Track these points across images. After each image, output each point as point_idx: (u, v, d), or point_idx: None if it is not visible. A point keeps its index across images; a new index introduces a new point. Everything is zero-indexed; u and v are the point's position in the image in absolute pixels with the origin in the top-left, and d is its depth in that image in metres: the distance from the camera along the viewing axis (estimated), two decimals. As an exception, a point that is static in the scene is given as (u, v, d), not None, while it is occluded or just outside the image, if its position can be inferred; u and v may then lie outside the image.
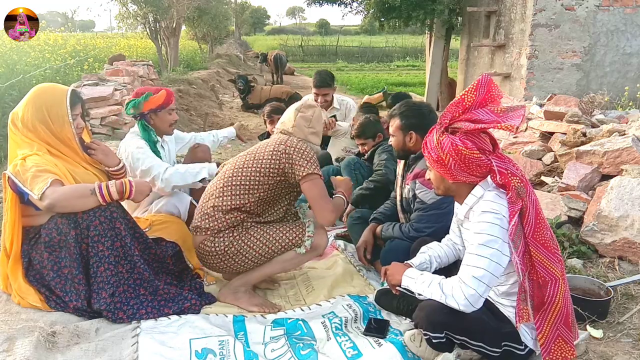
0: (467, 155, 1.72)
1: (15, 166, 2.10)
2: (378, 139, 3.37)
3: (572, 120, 4.44)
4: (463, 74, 9.80)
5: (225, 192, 2.35)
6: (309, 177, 2.29)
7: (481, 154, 1.73)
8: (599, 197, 2.97)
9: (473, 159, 1.73)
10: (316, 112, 2.51)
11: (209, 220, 2.35)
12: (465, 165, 1.74)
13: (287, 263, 2.44)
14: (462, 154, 1.72)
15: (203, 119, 8.07)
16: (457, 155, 1.73)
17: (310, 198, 2.33)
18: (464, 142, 1.72)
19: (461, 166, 1.75)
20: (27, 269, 2.20)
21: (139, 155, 2.71)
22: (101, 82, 6.76)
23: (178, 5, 12.75)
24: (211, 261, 2.39)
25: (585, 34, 6.72)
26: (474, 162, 1.73)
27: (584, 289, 2.35)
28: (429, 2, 8.55)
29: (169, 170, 2.72)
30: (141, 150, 2.73)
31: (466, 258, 1.74)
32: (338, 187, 2.60)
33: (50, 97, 2.23)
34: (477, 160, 1.73)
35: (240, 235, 2.34)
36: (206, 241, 2.35)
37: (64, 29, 16.24)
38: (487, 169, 1.75)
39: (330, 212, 2.34)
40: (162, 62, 13.16)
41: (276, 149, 2.35)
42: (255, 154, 2.39)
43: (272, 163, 2.33)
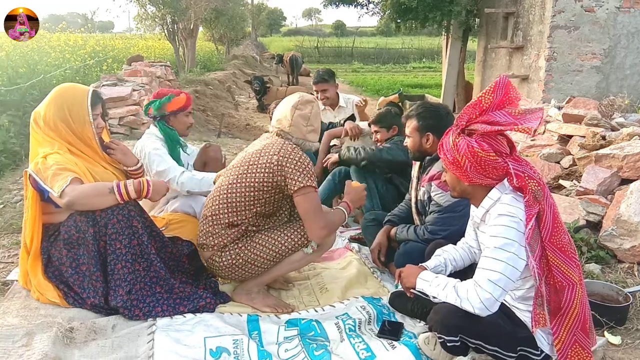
0: (484, 157, 1.71)
1: (36, 164, 2.15)
2: (392, 132, 3.33)
3: (591, 123, 4.38)
4: (480, 75, 9.72)
5: (222, 210, 2.30)
6: (301, 190, 2.19)
7: (498, 156, 1.72)
8: (618, 201, 2.92)
9: (489, 162, 1.71)
10: (314, 109, 2.39)
11: (213, 237, 2.32)
12: (482, 167, 1.73)
13: (296, 263, 2.42)
14: (479, 156, 1.71)
15: (219, 119, 8.14)
16: (473, 158, 1.72)
17: (301, 212, 2.25)
18: (480, 144, 1.71)
19: (477, 168, 1.74)
20: (46, 266, 2.24)
21: (154, 157, 2.74)
22: (120, 83, 6.86)
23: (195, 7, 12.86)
24: (222, 274, 2.38)
25: (605, 35, 6.62)
26: (491, 165, 1.72)
27: (602, 294, 2.31)
28: (446, 3, 8.51)
29: (185, 174, 2.75)
30: (157, 152, 2.76)
31: (482, 261, 1.73)
32: (347, 195, 2.51)
33: (71, 97, 2.28)
34: (494, 163, 1.72)
35: (245, 246, 2.31)
36: (214, 256, 2.33)
37: (84, 30, 16.49)
38: (503, 171, 1.73)
39: (320, 228, 2.23)
40: (180, 63, 13.30)
41: (269, 162, 2.23)
42: (248, 167, 2.28)
43: (265, 177, 2.23)
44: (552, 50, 6.71)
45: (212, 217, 2.32)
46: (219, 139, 7.07)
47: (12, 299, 2.26)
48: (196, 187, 2.77)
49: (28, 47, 7.84)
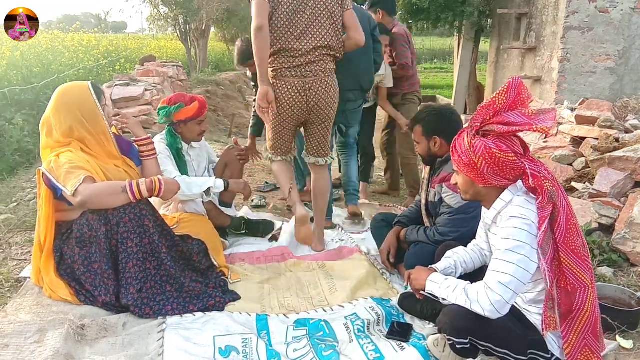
0: (502, 158, 1.70)
1: (49, 162, 2.17)
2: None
3: (604, 125, 4.33)
4: (492, 76, 9.65)
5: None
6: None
7: (515, 156, 1.71)
8: (631, 204, 2.89)
9: (507, 162, 1.70)
10: None
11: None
12: (499, 168, 1.72)
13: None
14: (497, 157, 1.70)
15: (230, 119, 8.18)
16: (491, 159, 1.71)
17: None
18: (497, 145, 1.70)
19: (494, 169, 1.73)
20: (58, 263, 2.27)
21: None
22: (132, 83, 6.91)
23: (208, 8, 12.92)
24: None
25: (620, 37, 6.55)
26: (508, 165, 1.71)
27: (614, 298, 2.29)
28: (458, 4, 8.46)
29: (176, 178, 2.75)
30: (159, 155, 2.77)
31: (493, 263, 1.72)
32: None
33: (76, 97, 2.30)
34: (512, 164, 1.71)
35: None
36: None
37: (98, 30, 16.67)
38: (520, 171, 1.72)
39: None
40: (192, 63, 13.37)
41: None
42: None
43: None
44: (566, 52, 6.65)
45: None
46: (230, 139, 7.10)
47: (25, 295, 2.29)
48: (186, 189, 2.75)
49: (42, 47, 7.93)
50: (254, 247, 3.09)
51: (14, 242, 3.01)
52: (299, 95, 2.83)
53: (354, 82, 3.45)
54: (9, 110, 5.45)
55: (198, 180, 2.86)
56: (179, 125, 2.93)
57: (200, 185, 2.82)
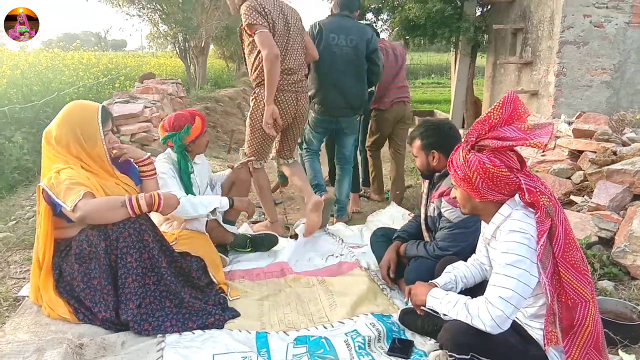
0: (495, 173, 1.70)
1: (49, 179, 2.18)
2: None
3: (602, 138, 4.35)
4: (489, 91, 9.72)
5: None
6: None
7: (509, 171, 1.71)
8: (630, 217, 2.89)
9: (501, 177, 1.71)
10: None
11: None
12: (493, 183, 1.73)
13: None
14: (490, 172, 1.71)
15: (229, 135, 8.20)
16: (485, 174, 1.72)
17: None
18: (491, 160, 1.71)
19: (489, 184, 1.73)
20: (57, 281, 2.26)
21: (160, 181, 2.78)
22: (132, 100, 6.94)
23: (207, 25, 13.04)
24: None
25: (615, 51, 6.61)
26: (502, 180, 1.72)
27: (615, 312, 2.28)
28: (454, 20, 8.55)
29: (182, 199, 2.76)
30: (164, 175, 2.82)
31: (493, 278, 1.71)
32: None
33: (81, 116, 2.31)
34: (506, 179, 1.71)
35: None
36: None
37: (97, 48, 16.81)
38: (515, 186, 1.73)
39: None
40: (191, 80, 13.44)
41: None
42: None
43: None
44: (562, 66, 6.70)
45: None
46: (229, 155, 7.11)
47: (24, 314, 2.27)
48: (192, 210, 2.80)
49: (43, 65, 7.99)
50: (253, 264, 3.09)
51: (12, 260, 3.00)
52: (292, 107, 3.35)
53: (344, 102, 3.70)
54: (8, 128, 5.47)
55: (204, 200, 2.88)
56: (189, 145, 2.95)
57: (206, 206, 2.84)
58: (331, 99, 3.66)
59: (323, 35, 3.58)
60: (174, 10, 11.59)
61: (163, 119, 3.04)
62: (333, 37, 3.59)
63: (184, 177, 2.93)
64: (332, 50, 3.58)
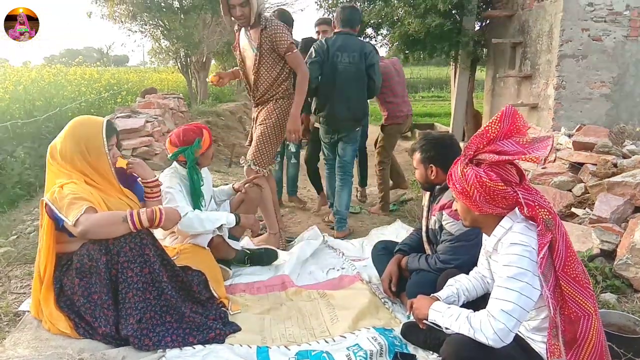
0: (492, 187, 1.71)
1: (52, 193, 2.19)
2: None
3: (602, 150, 4.36)
4: (489, 104, 9.76)
5: None
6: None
7: (506, 186, 1.71)
8: (632, 229, 2.88)
9: (498, 191, 1.71)
10: None
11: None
12: (491, 197, 1.73)
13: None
14: (487, 186, 1.71)
15: (230, 149, 8.22)
16: (482, 188, 1.72)
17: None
18: (488, 174, 1.71)
19: (486, 198, 1.74)
20: (58, 295, 2.25)
21: (166, 194, 2.84)
22: (133, 115, 6.98)
23: (208, 41, 13.14)
24: None
25: (614, 64, 6.65)
26: (499, 194, 1.72)
27: (619, 325, 2.26)
28: (454, 34, 8.61)
29: (189, 215, 2.81)
30: (170, 190, 2.85)
31: (495, 291, 1.71)
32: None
33: (87, 130, 2.34)
34: (502, 193, 1.71)
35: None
36: None
37: (100, 63, 16.94)
38: (513, 201, 1.73)
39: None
40: (192, 95, 13.53)
41: None
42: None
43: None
44: (561, 79, 6.74)
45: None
46: (230, 169, 7.13)
47: (24, 329, 2.26)
48: (199, 225, 2.83)
49: (45, 81, 8.05)
50: (254, 277, 3.08)
51: (13, 275, 2.99)
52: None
53: (348, 114, 3.91)
54: (10, 143, 5.49)
55: (211, 216, 2.90)
56: (199, 158, 2.98)
57: (213, 221, 2.88)
58: (337, 112, 3.92)
59: (329, 53, 3.84)
60: (175, 26, 11.71)
61: (169, 134, 3.07)
62: (337, 54, 3.85)
63: (196, 190, 2.96)
64: (337, 67, 3.86)
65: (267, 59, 3.38)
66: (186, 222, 2.78)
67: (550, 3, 6.93)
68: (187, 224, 2.79)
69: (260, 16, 3.34)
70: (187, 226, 2.81)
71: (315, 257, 3.43)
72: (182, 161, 2.96)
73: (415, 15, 8.20)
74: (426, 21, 8.07)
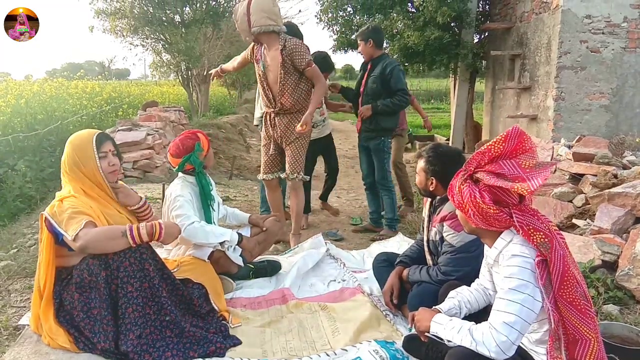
0: (485, 209, 1.71)
1: (52, 207, 2.19)
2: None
3: (602, 161, 4.37)
4: (489, 115, 9.79)
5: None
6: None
7: (500, 208, 1.70)
8: (633, 240, 2.88)
9: (490, 213, 1.71)
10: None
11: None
12: (484, 217, 1.73)
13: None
14: (480, 206, 1.71)
15: (231, 162, 8.24)
16: (475, 207, 1.72)
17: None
18: (482, 195, 1.71)
19: (480, 217, 1.74)
20: (58, 310, 2.24)
21: (176, 202, 2.86)
22: (134, 128, 7.01)
23: (209, 54, 13.26)
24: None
25: (613, 75, 6.69)
26: (492, 216, 1.72)
27: (621, 336, 2.25)
28: (453, 46, 8.68)
29: (195, 224, 2.81)
30: (181, 198, 2.86)
31: (497, 303, 1.70)
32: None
33: (78, 141, 2.37)
34: (495, 215, 1.71)
35: None
36: None
37: (101, 77, 17.01)
38: (506, 222, 1.72)
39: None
40: (193, 108, 13.59)
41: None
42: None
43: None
44: (560, 90, 6.77)
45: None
46: (230, 181, 7.14)
47: (23, 344, 2.25)
48: (203, 237, 2.84)
49: (47, 94, 8.10)
50: (255, 292, 3.05)
51: (13, 289, 2.98)
52: None
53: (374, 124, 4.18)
54: (11, 156, 5.51)
55: (216, 231, 2.91)
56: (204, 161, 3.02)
57: (217, 236, 2.89)
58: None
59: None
60: (177, 40, 11.81)
61: (168, 148, 3.09)
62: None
63: (207, 195, 2.99)
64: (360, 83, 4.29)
65: (291, 76, 3.59)
66: (191, 231, 2.78)
67: (548, 15, 6.99)
68: (191, 233, 2.79)
69: (279, 35, 3.55)
70: (191, 235, 2.80)
71: (316, 268, 3.42)
72: (189, 170, 2.97)
73: (415, 28, 8.27)
74: (425, 34, 8.14)
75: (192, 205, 2.89)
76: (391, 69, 4.08)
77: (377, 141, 4.24)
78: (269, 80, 3.67)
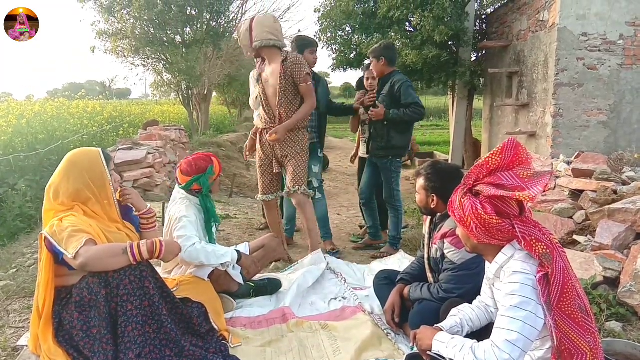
0: (487, 220, 1.70)
1: (52, 226, 2.19)
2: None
3: (601, 177, 4.37)
4: (487, 132, 9.84)
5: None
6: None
7: (502, 219, 1.71)
8: (634, 256, 2.87)
9: (493, 224, 1.71)
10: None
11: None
12: (486, 229, 1.73)
13: None
14: (482, 218, 1.71)
15: (231, 180, 8.25)
16: (477, 219, 1.72)
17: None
18: (484, 206, 1.71)
19: (482, 230, 1.73)
20: (57, 330, 2.22)
21: (180, 222, 2.87)
22: (135, 147, 7.04)
23: (210, 74, 13.36)
24: None
25: (610, 92, 6.75)
26: (494, 227, 1.71)
27: (625, 354, 2.23)
28: (451, 64, 8.76)
29: (196, 245, 2.82)
30: (185, 219, 2.88)
31: (498, 321, 1.69)
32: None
33: (86, 160, 2.37)
34: (498, 226, 1.71)
35: None
36: None
37: (102, 97, 17.14)
38: (509, 233, 1.72)
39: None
40: (194, 126, 13.66)
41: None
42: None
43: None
44: (558, 107, 6.82)
45: None
46: (230, 199, 7.14)
47: (21, 365, 2.23)
48: (204, 258, 2.85)
49: (48, 114, 8.15)
50: (255, 311, 3.03)
51: (12, 309, 2.96)
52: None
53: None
54: (12, 176, 5.52)
55: (217, 251, 2.92)
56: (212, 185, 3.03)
57: (218, 257, 2.90)
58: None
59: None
60: (177, 60, 11.93)
61: (178, 164, 3.11)
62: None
63: (211, 219, 3.00)
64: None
65: (289, 87, 3.64)
66: (192, 252, 2.79)
67: (545, 33, 7.07)
68: (193, 255, 2.80)
69: (282, 50, 3.63)
70: (193, 257, 2.81)
71: (317, 285, 3.40)
72: (196, 190, 2.98)
73: (412, 47, 8.36)
74: (423, 52, 8.22)
75: (195, 227, 2.90)
76: (399, 86, 4.05)
77: (386, 160, 4.18)
78: (268, 95, 3.70)
